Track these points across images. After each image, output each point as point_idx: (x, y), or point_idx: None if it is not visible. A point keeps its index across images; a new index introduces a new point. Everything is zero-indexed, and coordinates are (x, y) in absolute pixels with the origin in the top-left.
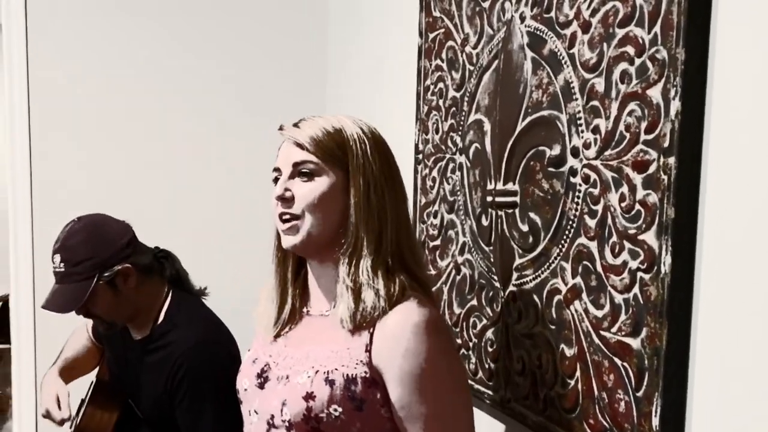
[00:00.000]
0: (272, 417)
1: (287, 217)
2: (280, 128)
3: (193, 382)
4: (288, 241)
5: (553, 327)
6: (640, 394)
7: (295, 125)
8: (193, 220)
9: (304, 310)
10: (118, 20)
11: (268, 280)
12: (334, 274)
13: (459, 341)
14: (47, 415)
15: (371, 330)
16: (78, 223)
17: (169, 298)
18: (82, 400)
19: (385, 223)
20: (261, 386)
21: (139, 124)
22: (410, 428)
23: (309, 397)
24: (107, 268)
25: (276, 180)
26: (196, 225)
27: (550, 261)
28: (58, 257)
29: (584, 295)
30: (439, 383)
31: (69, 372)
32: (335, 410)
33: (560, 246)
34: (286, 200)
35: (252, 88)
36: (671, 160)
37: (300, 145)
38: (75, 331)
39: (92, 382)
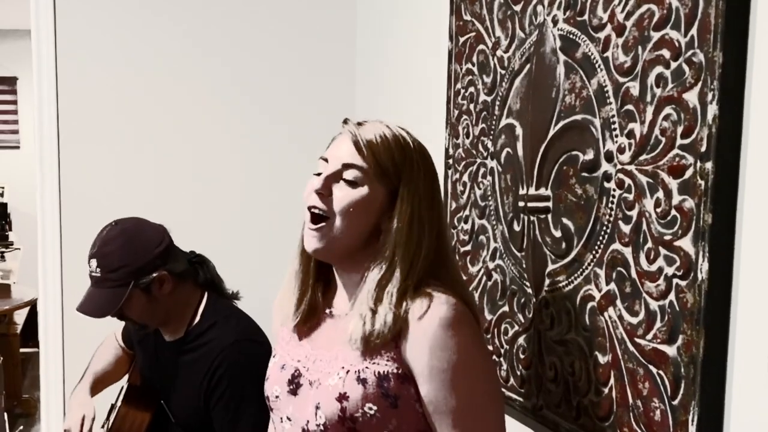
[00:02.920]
0: (307, 422)
1: (317, 212)
2: (345, 121)
3: (232, 379)
4: (311, 244)
5: (586, 334)
6: (676, 402)
7: (360, 123)
8: (221, 223)
9: (328, 310)
10: (147, 24)
11: (290, 268)
12: (358, 281)
13: (490, 348)
14: None
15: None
16: (115, 228)
17: (204, 300)
18: (112, 406)
19: (419, 251)
20: (294, 393)
21: (167, 128)
22: (440, 422)
23: (342, 397)
24: (143, 275)
25: (319, 173)
26: (223, 228)
27: (584, 267)
28: (94, 262)
29: (618, 302)
30: (468, 377)
31: (99, 383)
32: (370, 408)
33: (594, 252)
34: (322, 195)
35: (281, 91)
36: (708, 165)
37: (357, 146)
38: (104, 341)
39: (123, 387)
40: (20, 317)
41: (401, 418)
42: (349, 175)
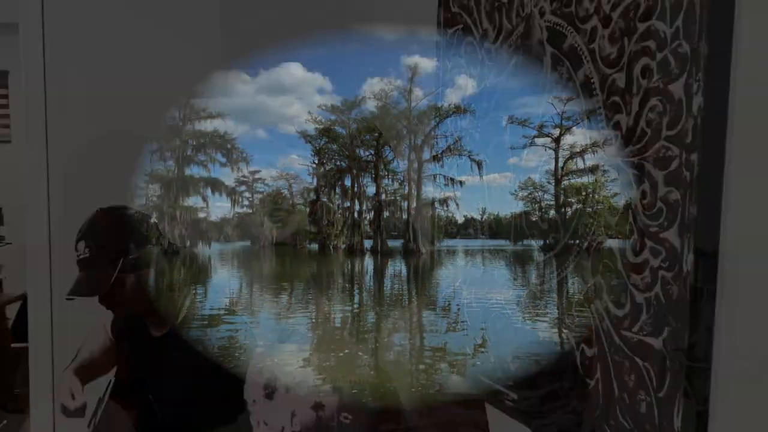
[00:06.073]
0: (282, 428)
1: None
2: None
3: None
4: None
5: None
6: (662, 394)
7: None
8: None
9: None
10: (135, 17)
11: None
12: None
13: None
14: (64, 411)
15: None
16: (101, 212)
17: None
18: (100, 399)
19: None
20: (269, 396)
21: (156, 123)
22: None
23: (318, 407)
24: (133, 251)
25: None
26: None
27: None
28: (82, 244)
29: (605, 294)
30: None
31: (86, 372)
32: (345, 418)
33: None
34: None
35: None
36: (694, 157)
37: None
38: (91, 331)
39: (110, 381)
40: (11, 312)
41: None
42: None
